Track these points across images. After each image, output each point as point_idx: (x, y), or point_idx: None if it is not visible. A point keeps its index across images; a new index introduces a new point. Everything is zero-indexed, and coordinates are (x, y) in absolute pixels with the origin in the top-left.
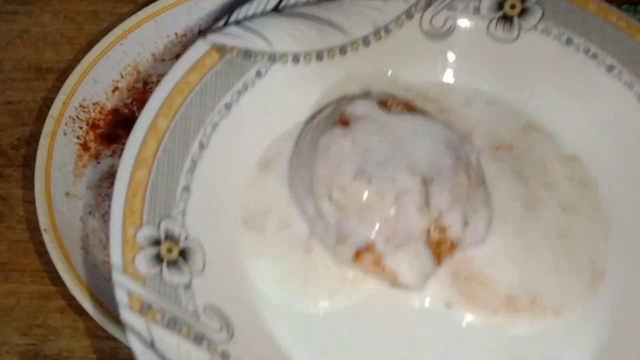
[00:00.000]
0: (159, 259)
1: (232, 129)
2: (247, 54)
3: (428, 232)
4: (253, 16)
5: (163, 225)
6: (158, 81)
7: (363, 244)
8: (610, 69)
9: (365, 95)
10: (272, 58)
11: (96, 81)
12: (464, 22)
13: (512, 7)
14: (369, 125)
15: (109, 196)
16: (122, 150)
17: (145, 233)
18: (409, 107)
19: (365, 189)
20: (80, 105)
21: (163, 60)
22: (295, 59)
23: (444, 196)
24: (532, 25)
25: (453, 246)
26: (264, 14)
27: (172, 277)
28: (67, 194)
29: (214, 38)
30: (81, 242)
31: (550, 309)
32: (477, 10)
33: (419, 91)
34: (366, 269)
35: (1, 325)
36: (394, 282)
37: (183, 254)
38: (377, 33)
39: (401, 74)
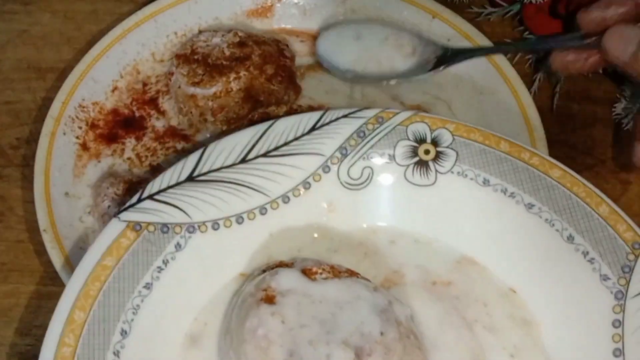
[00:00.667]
0: None
1: (155, 309)
2: (165, 227)
3: None
4: (167, 188)
5: None
6: (157, 81)
7: None
8: (529, 207)
9: (289, 265)
10: (191, 228)
11: (95, 81)
12: (381, 171)
13: (426, 152)
14: (295, 300)
15: (108, 196)
16: (122, 149)
17: None
18: (335, 272)
19: None
20: (80, 105)
21: (162, 60)
22: (215, 225)
23: None
24: (448, 169)
25: None
26: (178, 184)
27: None
28: (67, 194)
29: (129, 216)
30: (81, 242)
31: None
32: (392, 158)
33: (343, 238)
34: None
35: (1, 326)
36: None
37: None
38: (296, 190)
39: (323, 224)
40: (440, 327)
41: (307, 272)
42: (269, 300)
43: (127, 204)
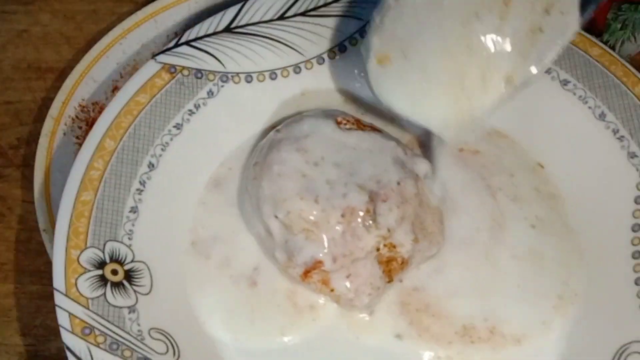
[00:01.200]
0: (103, 280)
1: (183, 148)
2: (199, 74)
3: (377, 249)
4: (205, 36)
5: (108, 247)
6: None
7: (310, 263)
8: (564, 83)
9: (317, 112)
10: (224, 77)
11: (95, 81)
12: None
13: None
14: (319, 141)
15: None
16: None
17: (89, 255)
18: (360, 125)
19: (312, 208)
20: (80, 105)
21: None
22: (248, 78)
23: (392, 213)
24: None
25: (404, 263)
26: (215, 34)
27: (116, 299)
28: None
29: (165, 58)
30: None
31: (511, 339)
32: None
33: (372, 103)
34: (316, 288)
35: (1, 326)
36: (342, 302)
37: (129, 276)
38: (331, 52)
39: (355, 89)
40: (463, 190)
41: (334, 121)
42: (294, 140)
43: (164, 48)
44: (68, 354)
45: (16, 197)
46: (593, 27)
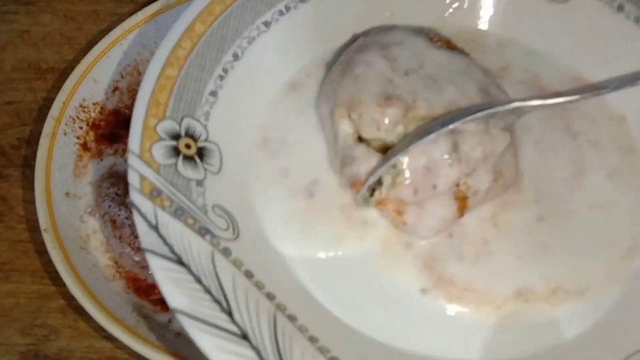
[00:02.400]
0: (176, 152)
1: (268, 46)
2: None
3: (457, 185)
4: None
5: (185, 122)
6: None
7: (362, 175)
8: (620, 9)
9: (409, 27)
10: None
11: (96, 81)
12: None
13: None
14: (408, 53)
15: (108, 196)
16: (124, 149)
17: (166, 126)
18: (450, 45)
19: (386, 115)
20: (81, 106)
21: None
22: None
23: (477, 149)
24: None
25: (478, 199)
26: None
27: (186, 171)
28: (67, 194)
29: None
30: (81, 242)
31: (574, 293)
32: None
33: (456, 35)
34: (385, 213)
35: (1, 325)
36: (406, 229)
37: (201, 152)
38: None
39: (447, 16)
40: (544, 128)
41: (427, 37)
42: (383, 47)
43: None
44: (135, 213)
45: (17, 197)
46: None
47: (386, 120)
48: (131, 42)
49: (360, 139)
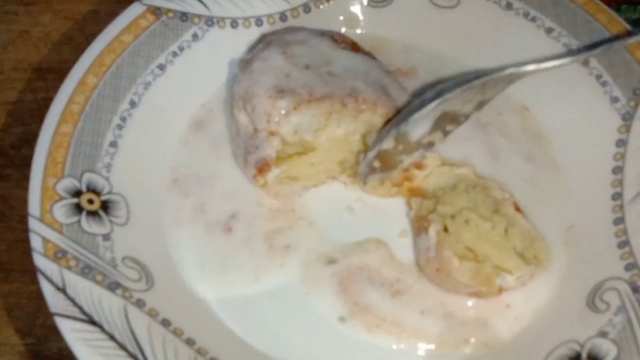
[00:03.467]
0: (78, 209)
1: (165, 89)
2: (184, 16)
3: None
4: None
5: (86, 177)
6: None
7: (260, 163)
8: (549, 31)
9: (316, 29)
10: (210, 22)
11: None
12: None
13: None
14: (309, 51)
15: None
16: None
17: (66, 184)
18: (355, 48)
19: (276, 107)
20: None
21: None
22: (234, 23)
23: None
24: None
25: None
26: None
27: (91, 227)
28: None
29: (150, 1)
30: None
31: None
32: None
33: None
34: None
35: (1, 325)
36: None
37: (105, 206)
38: (317, 0)
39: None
40: None
41: (332, 38)
42: (285, 44)
43: None
44: (39, 277)
45: (17, 197)
46: None
47: (277, 112)
48: None
49: (256, 130)
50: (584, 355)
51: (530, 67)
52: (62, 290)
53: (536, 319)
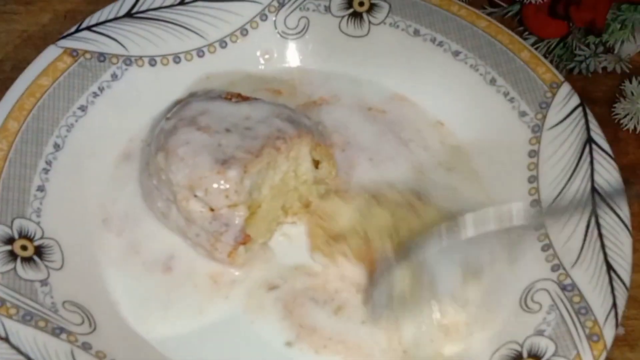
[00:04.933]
0: (12, 256)
1: (89, 129)
2: (101, 57)
3: None
4: (106, 21)
5: (17, 224)
6: None
7: (241, 237)
8: (456, 54)
9: (200, 95)
10: (128, 61)
11: None
12: (316, 21)
13: (361, 4)
14: (216, 117)
15: None
16: None
17: None
18: (244, 97)
19: (230, 178)
20: None
21: None
22: (152, 61)
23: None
24: (381, 20)
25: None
26: (116, 19)
27: (27, 273)
28: None
29: (66, 43)
30: None
31: None
32: (327, 9)
33: (277, 79)
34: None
35: None
36: None
37: (39, 251)
38: (233, 35)
39: (258, 71)
40: (378, 141)
41: (225, 97)
42: (190, 121)
43: (65, 33)
44: None
45: None
46: (593, 28)
47: (231, 183)
48: None
49: (214, 210)
50: (524, 354)
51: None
52: (5, 339)
53: (473, 324)
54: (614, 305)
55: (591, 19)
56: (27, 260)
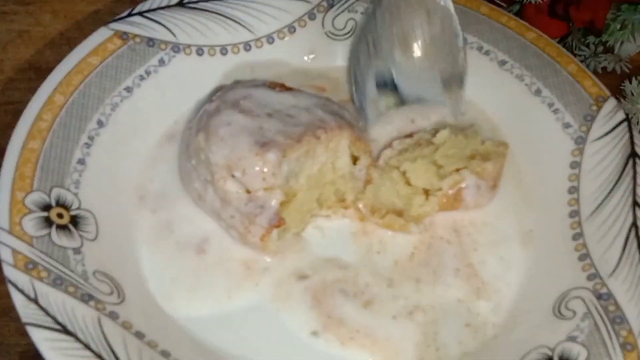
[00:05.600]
0: (48, 222)
1: (133, 110)
2: (150, 42)
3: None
4: (158, 9)
5: (55, 193)
6: None
7: (275, 220)
8: (502, 63)
9: (246, 82)
10: (176, 48)
11: None
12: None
13: None
14: (258, 102)
15: None
16: None
17: (35, 198)
18: (287, 88)
19: (267, 161)
20: None
21: None
22: (200, 51)
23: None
24: None
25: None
26: (168, 7)
27: (61, 240)
28: None
29: (117, 26)
30: None
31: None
32: (374, 12)
33: (321, 75)
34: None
35: (1, 325)
36: None
37: (74, 221)
38: (281, 32)
39: (303, 69)
40: None
41: (269, 85)
42: (233, 104)
43: (117, 17)
44: (10, 288)
45: None
46: (593, 28)
47: (269, 166)
48: None
49: (250, 192)
50: (555, 358)
51: None
52: (34, 300)
53: (504, 327)
54: None
55: (591, 19)
56: (62, 227)
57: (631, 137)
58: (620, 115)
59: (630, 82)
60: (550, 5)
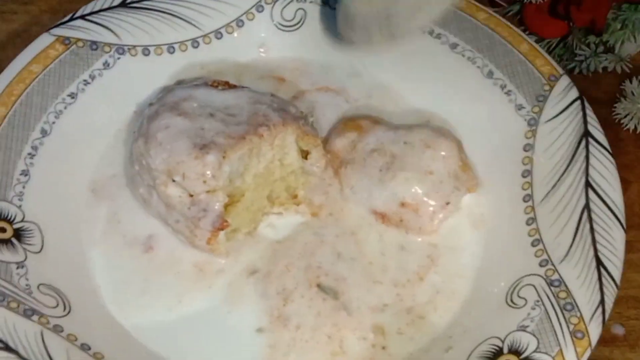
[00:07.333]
0: None
1: (78, 116)
2: (94, 45)
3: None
4: (100, 11)
5: None
6: None
7: (218, 223)
8: (453, 46)
9: (186, 83)
10: (121, 50)
11: None
12: (313, 13)
13: None
14: (197, 103)
15: None
16: None
17: None
18: (231, 85)
19: (208, 163)
20: None
21: None
22: (145, 51)
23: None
24: None
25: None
26: (110, 8)
27: (4, 255)
28: None
29: (58, 31)
30: None
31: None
32: (326, 0)
33: (273, 70)
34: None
35: None
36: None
37: (18, 234)
38: (228, 26)
39: (253, 62)
40: None
41: (211, 84)
42: (172, 106)
43: (58, 22)
44: None
45: None
46: (593, 27)
47: (209, 168)
48: None
49: (193, 196)
50: (505, 349)
51: None
52: None
53: (455, 319)
54: (602, 302)
55: (591, 18)
56: (5, 242)
57: (584, 116)
58: (574, 94)
59: (631, 82)
60: (551, 5)
